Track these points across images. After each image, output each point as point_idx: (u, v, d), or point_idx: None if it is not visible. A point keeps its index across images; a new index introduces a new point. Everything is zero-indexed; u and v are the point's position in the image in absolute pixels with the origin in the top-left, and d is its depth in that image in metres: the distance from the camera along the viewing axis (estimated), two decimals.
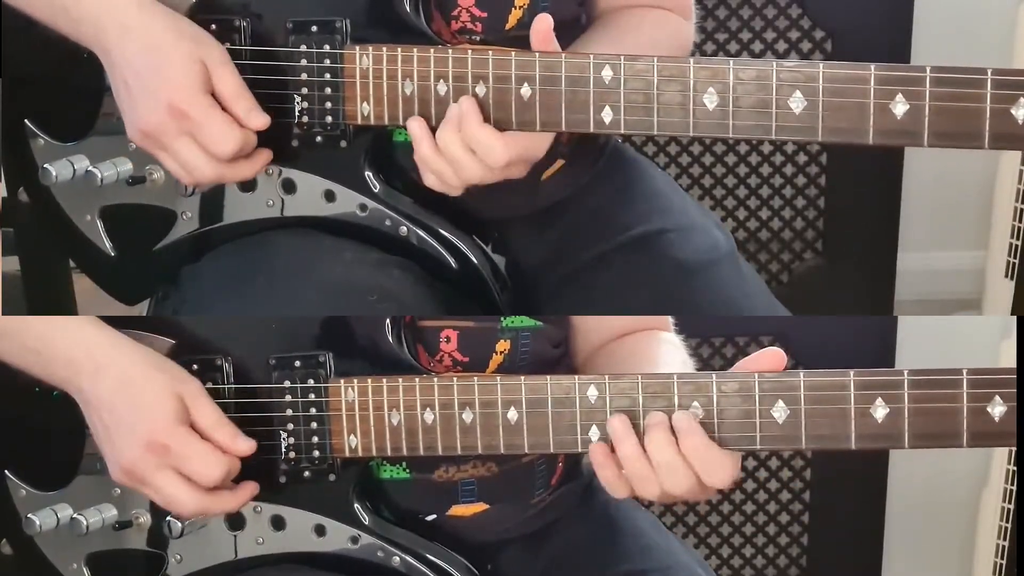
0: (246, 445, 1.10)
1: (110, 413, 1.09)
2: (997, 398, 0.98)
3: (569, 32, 1.24)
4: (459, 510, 1.19)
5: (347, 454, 1.12)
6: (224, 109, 1.12)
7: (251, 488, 1.12)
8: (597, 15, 1.29)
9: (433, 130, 1.12)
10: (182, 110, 1.10)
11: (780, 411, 1.02)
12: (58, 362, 1.11)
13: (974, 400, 0.98)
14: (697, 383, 1.04)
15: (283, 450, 1.13)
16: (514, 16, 1.20)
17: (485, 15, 1.18)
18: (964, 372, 0.99)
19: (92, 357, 1.10)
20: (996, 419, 0.98)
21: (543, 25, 1.08)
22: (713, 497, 2.19)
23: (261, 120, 1.13)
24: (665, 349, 1.24)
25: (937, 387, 0.99)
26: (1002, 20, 2.22)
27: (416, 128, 1.12)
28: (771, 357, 1.03)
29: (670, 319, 1.29)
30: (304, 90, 1.15)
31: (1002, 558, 2.14)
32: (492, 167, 1.11)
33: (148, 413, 1.08)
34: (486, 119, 1.10)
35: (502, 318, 1.18)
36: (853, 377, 1.01)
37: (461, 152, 1.10)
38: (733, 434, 1.03)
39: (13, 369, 1.13)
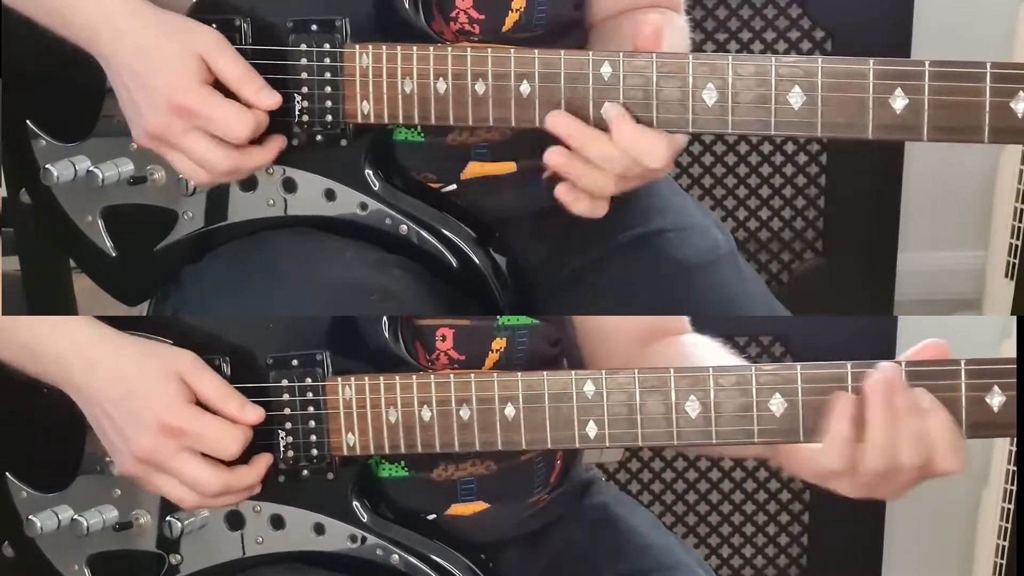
0: (255, 414, 1.10)
1: (113, 406, 1.09)
2: (996, 388, 0.98)
3: (567, 36, 1.24)
4: (458, 509, 1.19)
5: (345, 452, 1.12)
6: (232, 93, 1.11)
7: (266, 459, 1.12)
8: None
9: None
10: (185, 106, 1.10)
11: (777, 404, 1.03)
12: (49, 359, 1.11)
13: (973, 390, 0.99)
14: (694, 376, 1.04)
15: (281, 449, 1.13)
16: (511, 19, 1.20)
17: (483, 17, 1.18)
18: (962, 363, 0.99)
19: (83, 353, 1.10)
20: (995, 409, 0.99)
21: (649, 28, 1.07)
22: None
23: (272, 99, 1.12)
24: (692, 351, 1.23)
25: (935, 378, 0.99)
26: (1002, 20, 2.22)
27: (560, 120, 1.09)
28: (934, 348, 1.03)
29: (686, 318, 1.28)
30: (304, 89, 1.15)
31: (1002, 558, 2.14)
32: (654, 168, 1.09)
33: (151, 399, 1.08)
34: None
35: (498, 317, 1.18)
36: (850, 369, 1.01)
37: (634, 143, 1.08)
38: (730, 428, 1.03)
39: (11, 369, 1.13)
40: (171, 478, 1.10)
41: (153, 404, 1.08)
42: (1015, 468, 2.09)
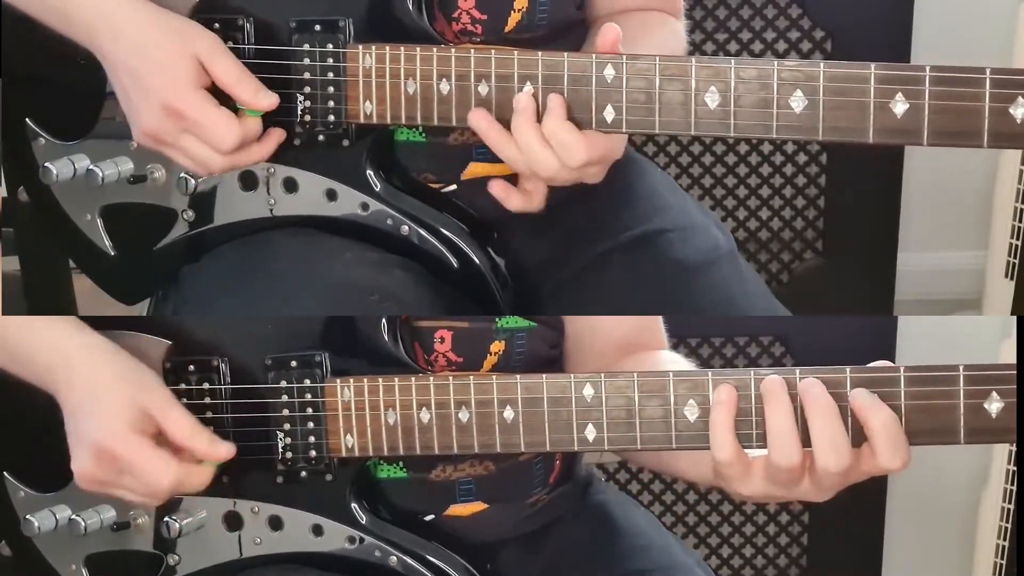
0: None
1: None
2: (994, 394, 0.98)
3: (568, 36, 1.24)
4: (457, 509, 1.18)
5: (344, 454, 1.12)
6: (229, 95, 1.11)
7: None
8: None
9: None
10: (177, 109, 1.10)
11: None
12: (36, 363, 1.10)
13: (971, 396, 0.99)
14: (694, 381, 1.04)
15: (280, 450, 1.13)
16: (513, 19, 1.20)
17: (485, 18, 1.18)
18: (960, 368, 0.99)
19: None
20: (993, 415, 0.99)
21: (612, 35, 1.08)
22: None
23: (269, 100, 1.13)
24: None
25: (933, 383, 1.00)
26: (1002, 20, 2.22)
27: (481, 120, 1.11)
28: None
29: (664, 335, 1.29)
30: (307, 89, 1.15)
31: (1002, 558, 2.13)
32: (570, 166, 1.10)
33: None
34: (568, 117, 1.09)
35: (497, 319, 1.18)
36: (850, 374, 1.01)
37: (538, 145, 1.10)
38: None
39: (8, 371, 1.13)
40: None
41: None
42: (1015, 468, 2.09)
